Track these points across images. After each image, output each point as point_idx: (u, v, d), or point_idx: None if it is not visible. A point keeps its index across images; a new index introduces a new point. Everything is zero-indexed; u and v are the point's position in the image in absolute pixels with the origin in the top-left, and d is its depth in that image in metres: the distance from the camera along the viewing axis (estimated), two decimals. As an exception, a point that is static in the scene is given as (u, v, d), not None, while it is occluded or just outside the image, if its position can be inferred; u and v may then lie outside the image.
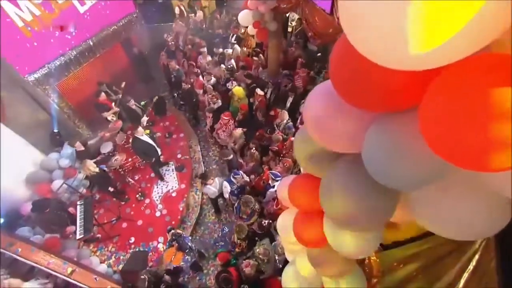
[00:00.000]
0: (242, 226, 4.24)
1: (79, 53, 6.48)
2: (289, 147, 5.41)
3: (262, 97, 6.25)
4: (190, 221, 5.75)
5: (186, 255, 4.14)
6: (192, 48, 7.80)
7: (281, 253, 4.21)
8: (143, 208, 5.78)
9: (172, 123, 7.46)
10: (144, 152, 5.43)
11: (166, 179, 6.24)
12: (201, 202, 6.08)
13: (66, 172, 5.49)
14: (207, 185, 4.79)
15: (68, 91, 6.55)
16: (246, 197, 4.51)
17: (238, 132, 5.68)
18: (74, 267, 4.00)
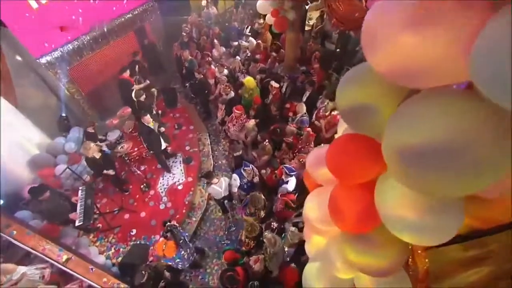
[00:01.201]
0: (254, 225, 3.89)
1: (92, 39, 6.40)
2: (305, 141, 5.07)
3: (277, 89, 5.95)
4: (195, 216, 5.45)
5: (181, 248, 3.81)
6: (207, 39, 7.64)
7: (291, 243, 3.85)
8: (147, 199, 5.53)
9: (182, 115, 7.26)
10: (149, 140, 5.19)
11: (173, 171, 5.99)
12: (208, 197, 5.77)
13: (70, 157, 5.32)
14: (212, 185, 4.37)
15: (80, 77, 6.45)
16: (255, 196, 4.17)
17: (251, 123, 5.39)
18: (70, 255, 3.75)
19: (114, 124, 5.98)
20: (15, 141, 4.89)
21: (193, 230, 5.26)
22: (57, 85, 6.08)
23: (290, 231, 3.87)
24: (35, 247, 3.65)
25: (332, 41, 8.28)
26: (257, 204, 4.15)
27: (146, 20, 7.61)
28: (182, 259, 3.93)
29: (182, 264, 4.00)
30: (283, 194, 4.47)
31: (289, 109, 5.94)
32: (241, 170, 4.61)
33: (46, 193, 3.97)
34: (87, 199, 4.46)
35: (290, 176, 4.43)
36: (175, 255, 3.80)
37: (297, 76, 6.62)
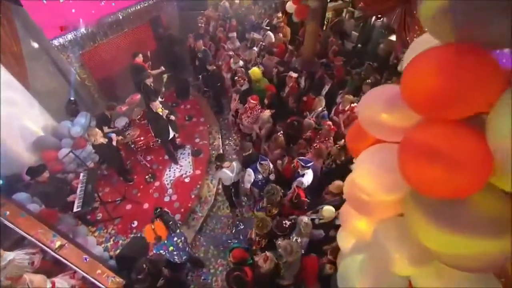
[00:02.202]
0: (265, 220, 3.48)
1: (107, 25, 6.29)
2: (324, 136, 4.67)
3: (294, 80, 5.61)
4: (202, 211, 5.09)
5: (172, 233, 3.45)
6: (223, 30, 7.44)
7: (305, 233, 3.47)
8: (151, 191, 5.23)
9: (194, 107, 7.02)
10: (157, 128, 4.92)
11: (180, 163, 5.69)
12: (216, 192, 5.42)
13: (75, 142, 5.10)
14: (223, 169, 4.12)
15: (91, 62, 6.33)
16: (274, 188, 3.77)
17: (266, 114, 5.04)
18: (64, 242, 3.45)
19: (123, 111, 5.76)
20: (21, 122, 4.71)
21: (199, 227, 4.89)
22: (68, 69, 5.96)
23: (303, 223, 3.46)
24: (27, 230, 3.37)
25: (351, 40, 7.97)
26: (273, 197, 3.75)
27: (162, 11, 7.51)
28: (177, 248, 3.52)
29: (178, 256, 3.61)
30: (298, 186, 4.07)
31: (307, 103, 5.57)
32: (256, 165, 4.22)
33: (45, 174, 3.71)
34: (88, 184, 4.19)
35: (307, 168, 4.03)
36: (166, 240, 3.41)
37: (315, 70, 6.28)
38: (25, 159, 4.61)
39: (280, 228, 3.54)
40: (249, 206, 5.26)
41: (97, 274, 3.33)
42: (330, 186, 3.97)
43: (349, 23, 8.10)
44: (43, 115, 5.25)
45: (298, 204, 3.95)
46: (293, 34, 7.40)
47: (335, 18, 7.97)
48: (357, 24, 8.05)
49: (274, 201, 3.80)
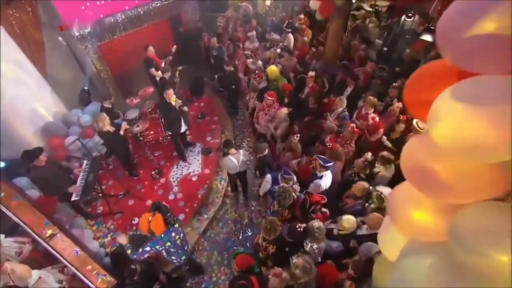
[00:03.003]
0: (274, 222, 3.06)
1: (127, 19, 6.30)
2: (347, 138, 4.26)
3: (313, 79, 5.31)
4: (208, 213, 4.73)
5: (170, 228, 3.10)
6: (243, 30, 7.33)
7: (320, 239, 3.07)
8: (156, 187, 4.95)
9: (207, 105, 6.81)
10: (168, 118, 4.69)
11: (189, 160, 5.41)
12: (225, 194, 5.07)
13: (84, 130, 4.97)
14: (229, 155, 3.92)
15: (108, 54, 6.30)
16: (285, 189, 3.36)
17: (283, 112, 4.72)
18: (56, 231, 3.20)
19: (135, 104, 5.62)
20: (31, 105, 4.64)
21: (203, 229, 4.53)
22: (85, 60, 5.95)
23: (316, 228, 3.03)
24: (19, 214, 3.15)
25: (374, 48, 7.65)
26: (285, 200, 3.35)
27: (182, 9, 7.52)
28: (174, 245, 3.14)
29: (176, 255, 3.23)
30: (308, 193, 3.65)
31: (328, 104, 5.22)
32: (278, 175, 3.82)
33: (42, 158, 3.51)
34: (90, 173, 3.97)
35: (326, 168, 3.63)
36: (163, 234, 3.04)
37: (336, 72, 5.96)
38: (31, 143, 4.46)
39: (293, 234, 3.12)
40: (259, 211, 4.87)
41: (87, 270, 3.02)
42: (353, 187, 3.55)
43: (374, 31, 7.84)
44: (55, 102, 5.18)
45: (307, 212, 3.53)
46: (313, 37, 7.17)
47: (353, 23, 7.73)
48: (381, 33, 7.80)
49: (286, 205, 3.40)
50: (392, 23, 7.39)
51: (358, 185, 3.49)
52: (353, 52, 6.44)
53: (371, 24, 7.93)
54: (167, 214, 3.10)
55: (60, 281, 2.97)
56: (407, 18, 6.16)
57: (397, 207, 1.28)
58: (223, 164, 4.22)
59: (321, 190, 3.79)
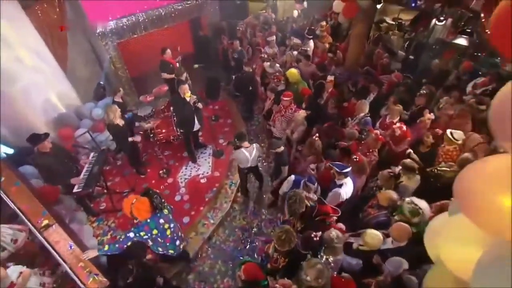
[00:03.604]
0: (290, 233, 2.71)
1: (148, 18, 6.38)
2: (370, 145, 3.92)
3: (332, 85, 5.06)
4: (214, 218, 4.45)
5: (158, 213, 2.79)
6: (262, 35, 7.28)
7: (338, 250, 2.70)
8: (162, 187, 4.75)
9: (222, 108, 6.69)
10: (181, 115, 4.54)
11: (199, 162, 5.21)
12: (234, 199, 4.79)
13: (95, 124, 4.91)
14: (242, 148, 3.80)
15: (127, 53, 6.36)
16: (297, 194, 3.04)
17: (301, 114, 4.47)
18: (52, 222, 3.02)
19: (148, 101, 5.56)
20: (45, 95, 4.64)
21: (208, 235, 4.24)
22: (104, 57, 6.01)
23: (333, 237, 2.67)
24: (16, 201, 3.00)
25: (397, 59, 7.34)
26: (295, 205, 3.02)
27: (203, 12, 7.60)
28: (162, 234, 2.82)
29: (163, 246, 2.94)
30: (320, 201, 3.29)
31: (348, 109, 4.93)
32: (301, 181, 3.52)
33: (47, 144, 3.42)
34: (96, 166, 3.82)
35: (344, 175, 3.28)
36: (149, 219, 2.73)
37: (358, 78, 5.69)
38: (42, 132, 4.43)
39: (308, 244, 2.77)
40: (270, 221, 4.53)
41: (79, 267, 2.79)
42: (379, 195, 3.17)
43: (397, 42, 7.59)
44: (70, 95, 5.18)
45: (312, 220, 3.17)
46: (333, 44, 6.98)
47: (376, 33, 7.50)
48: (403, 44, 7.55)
49: (297, 212, 3.06)
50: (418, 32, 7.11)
51: (386, 193, 3.12)
52: (375, 60, 6.17)
53: (394, 36, 7.72)
54: (154, 197, 2.77)
55: (42, 284, 2.75)
56: (438, 22, 5.85)
57: (478, 191, 0.96)
58: (234, 157, 4.03)
59: (341, 201, 3.44)
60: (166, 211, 2.88)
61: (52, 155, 3.47)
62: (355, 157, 3.55)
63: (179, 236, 3.09)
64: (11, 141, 4.15)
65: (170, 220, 2.92)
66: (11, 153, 3.93)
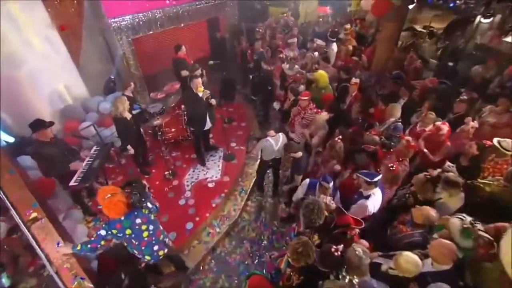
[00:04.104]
0: (308, 246, 2.35)
1: (165, 16, 6.42)
2: (400, 154, 3.54)
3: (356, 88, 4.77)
4: (221, 227, 4.14)
5: (135, 213, 2.50)
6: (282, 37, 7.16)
7: (363, 270, 2.30)
8: (167, 189, 4.52)
9: (237, 110, 6.52)
10: (192, 111, 4.36)
11: (208, 165, 4.97)
12: (243, 208, 4.48)
13: (101, 118, 4.82)
14: (268, 137, 3.81)
15: (141, 50, 6.37)
16: (315, 203, 2.70)
17: (322, 116, 4.18)
18: (42, 216, 2.83)
19: (159, 98, 5.46)
20: (55, 86, 4.62)
21: (212, 245, 3.92)
22: (118, 53, 6.03)
23: (358, 254, 2.29)
24: (6, 189, 2.85)
25: (429, 68, 6.97)
26: (313, 216, 2.67)
27: (221, 13, 7.62)
28: (137, 235, 2.55)
29: (138, 250, 2.66)
30: (339, 210, 2.92)
31: (374, 115, 4.59)
32: (317, 182, 3.23)
33: (49, 133, 3.31)
34: (97, 159, 3.66)
35: (373, 185, 2.92)
36: (123, 217, 2.43)
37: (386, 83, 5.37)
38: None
39: (327, 260, 2.40)
40: (282, 234, 4.17)
41: (65, 268, 2.54)
42: (413, 211, 2.77)
43: (429, 49, 7.25)
44: (79, 88, 5.16)
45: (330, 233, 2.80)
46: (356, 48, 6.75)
47: (409, 40, 7.19)
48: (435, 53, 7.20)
49: (314, 223, 2.70)
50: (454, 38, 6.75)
51: (422, 210, 2.70)
52: (407, 65, 5.85)
53: (425, 43, 7.40)
54: (134, 194, 2.48)
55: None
56: (484, 19, 5.46)
57: None
58: (259, 146, 3.95)
59: (368, 215, 3.06)
60: (146, 211, 2.61)
61: (52, 144, 3.35)
62: (391, 165, 3.17)
63: (159, 241, 2.77)
64: (14, 130, 4.10)
65: (150, 221, 2.64)
66: (11, 142, 3.85)
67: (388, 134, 4.00)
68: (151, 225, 2.64)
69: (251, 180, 4.90)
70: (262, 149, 4.00)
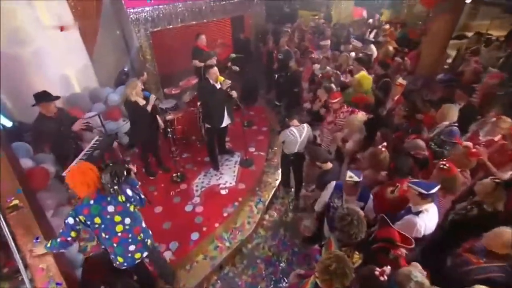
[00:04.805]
0: (344, 261, 1.88)
1: (187, 10, 6.45)
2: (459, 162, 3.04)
3: (401, 89, 4.37)
4: (231, 241, 3.75)
5: (108, 198, 2.24)
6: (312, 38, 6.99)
7: None
8: (173, 193, 4.25)
9: (258, 114, 6.30)
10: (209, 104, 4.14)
11: (222, 170, 4.67)
12: (259, 222, 4.08)
13: (109, 110, 4.72)
14: (291, 127, 3.74)
15: (159, 43, 6.38)
16: (351, 211, 2.27)
17: (358, 118, 3.80)
18: (24, 204, 2.61)
19: (173, 94, 5.34)
20: (63, 71, 4.62)
21: (219, 262, 3.52)
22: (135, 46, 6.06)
23: (414, 280, 1.82)
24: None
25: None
26: (351, 229, 2.23)
27: (247, 12, 7.61)
28: (108, 226, 2.27)
29: (109, 245, 2.38)
30: (383, 224, 2.43)
31: (423, 121, 4.13)
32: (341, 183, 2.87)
33: (53, 107, 3.29)
34: (97, 150, 3.47)
35: (430, 199, 2.45)
36: (92, 200, 2.18)
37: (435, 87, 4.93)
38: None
39: (371, 286, 1.94)
40: (305, 256, 3.71)
41: (39, 268, 2.27)
42: (487, 237, 2.25)
43: (488, 55, 6.75)
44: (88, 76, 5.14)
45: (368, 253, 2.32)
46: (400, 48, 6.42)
47: (474, 45, 6.73)
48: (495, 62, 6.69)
49: (355, 239, 2.25)
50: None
51: (501, 235, 2.17)
52: (463, 66, 5.40)
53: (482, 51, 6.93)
54: (110, 173, 2.19)
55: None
56: None
57: None
58: (281, 137, 3.90)
59: (417, 236, 2.55)
60: (122, 198, 2.32)
61: (55, 119, 3.31)
62: (443, 164, 2.70)
63: (137, 240, 2.46)
64: (14, 114, 4.05)
65: (127, 213, 2.36)
66: (9, 126, 3.78)
67: (439, 141, 3.54)
68: (127, 218, 2.37)
69: (270, 191, 4.54)
70: (284, 141, 3.91)
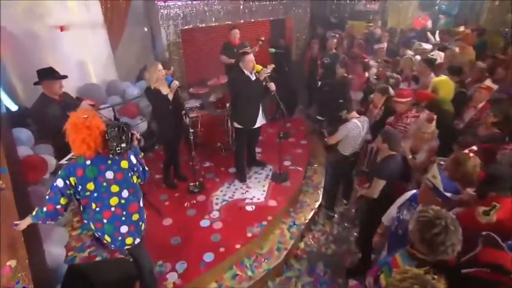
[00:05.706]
0: (427, 283, 1.33)
1: (223, 8, 6.52)
2: None
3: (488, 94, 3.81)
4: (254, 270, 3.22)
5: (108, 159, 2.09)
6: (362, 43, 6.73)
7: None
8: (187, 204, 3.87)
9: (296, 126, 5.97)
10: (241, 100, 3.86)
11: (249, 183, 4.26)
12: (292, 250, 3.53)
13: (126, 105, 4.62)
14: (353, 119, 3.60)
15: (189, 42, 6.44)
16: (441, 216, 1.71)
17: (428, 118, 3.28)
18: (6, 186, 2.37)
19: (200, 94, 5.19)
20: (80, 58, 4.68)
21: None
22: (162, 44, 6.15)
23: None
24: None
25: None
26: (449, 235, 1.63)
27: (290, 14, 7.58)
28: (102, 197, 2.11)
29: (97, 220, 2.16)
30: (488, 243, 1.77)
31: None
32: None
33: (59, 89, 3.14)
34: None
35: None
36: (89, 161, 2.02)
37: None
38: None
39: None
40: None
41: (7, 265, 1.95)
42: None
43: None
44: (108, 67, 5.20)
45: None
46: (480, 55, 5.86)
47: None
48: None
49: (447, 253, 1.64)
50: None
51: None
52: None
53: None
54: (113, 129, 2.00)
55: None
56: None
57: None
58: (342, 132, 3.64)
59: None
60: (126, 164, 2.14)
61: (60, 104, 3.14)
62: None
63: (131, 221, 2.25)
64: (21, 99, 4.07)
65: (127, 184, 2.19)
66: (13, 111, 3.74)
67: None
68: (125, 191, 2.18)
69: (308, 214, 4.01)
70: (343, 138, 3.65)
